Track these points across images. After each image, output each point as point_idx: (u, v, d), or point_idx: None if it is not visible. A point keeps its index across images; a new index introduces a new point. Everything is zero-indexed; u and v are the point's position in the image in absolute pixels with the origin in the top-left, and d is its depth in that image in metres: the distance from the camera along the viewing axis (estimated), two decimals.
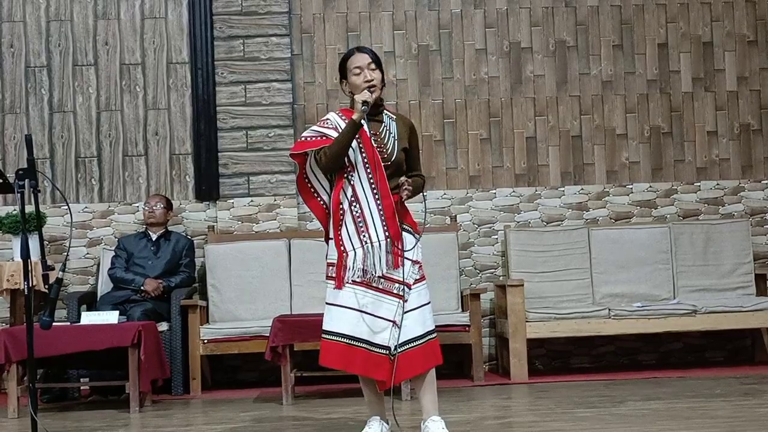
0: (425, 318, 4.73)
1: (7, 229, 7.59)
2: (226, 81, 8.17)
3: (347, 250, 4.70)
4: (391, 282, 4.69)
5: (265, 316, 7.43)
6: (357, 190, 4.72)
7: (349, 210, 4.72)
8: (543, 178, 8.38)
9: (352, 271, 4.68)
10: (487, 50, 8.43)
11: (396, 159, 4.77)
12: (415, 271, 4.74)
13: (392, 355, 4.64)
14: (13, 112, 8.18)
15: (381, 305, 4.68)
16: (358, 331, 4.66)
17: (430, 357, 4.71)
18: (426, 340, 4.71)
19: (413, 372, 4.71)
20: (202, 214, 8.18)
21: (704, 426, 5.08)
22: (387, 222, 4.69)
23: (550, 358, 8.23)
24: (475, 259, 8.29)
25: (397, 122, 4.87)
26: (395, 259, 4.68)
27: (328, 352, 4.70)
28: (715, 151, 8.47)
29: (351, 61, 4.82)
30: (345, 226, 4.72)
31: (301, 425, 5.66)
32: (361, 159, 4.72)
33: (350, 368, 4.71)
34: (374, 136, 4.76)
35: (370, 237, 4.68)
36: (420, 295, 4.74)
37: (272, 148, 8.15)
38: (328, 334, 4.71)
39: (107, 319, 6.64)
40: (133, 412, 6.42)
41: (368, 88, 4.73)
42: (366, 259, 4.67)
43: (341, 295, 4.70)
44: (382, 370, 4.67)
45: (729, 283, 8.10)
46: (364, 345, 4.66)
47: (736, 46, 8.53)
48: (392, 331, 4.65)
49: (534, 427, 5.27)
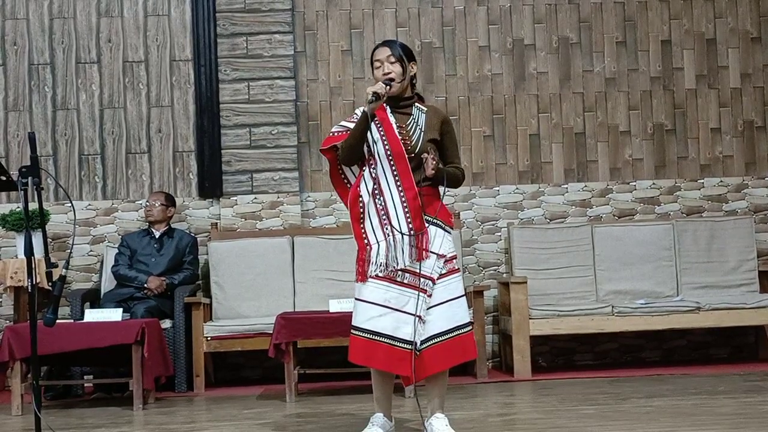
0: (453, 312, 4.68)
1: (11, 227, 7.59)
2: (230, 78, 8.17)
3: (371, 243, 4.69)
4: (415, 276, 4.66)
5: (268, 313, 7.43)
6: (381, 182, 4.70)
7: (372, 202, 4.70)
8: (546, 175, 8.38)
9: (375, 264, 4.67)
10: (490, 47, 8.42)
11: (420, 151, 4.72)
12: (440, 265, 4.69)
13: (417, 350, 4.62)
14: (17, 109, 8.18)
15: (405, 300, 4.65)
16: (380, 326, 4.63)
17: (457, 352, 4.67)
18: (454, 335, 4.66)
19: (438, 367, 4.67)
20: (206, 212, 8.18)
21: (708, 423, 5.07)
22: (411, 214, 4.68)
23: (553, 355, 8.22)
24: (479, 256, 8.29)
25: (427, 114, 4.82)
26: (419, 253, 4.67)
27: (353, 348, 4.68)
28: (719, 148, 8.46)
29: (374, 55, 4.81)
30: (369, 218, 4.70)
31: (305, 422, 5.66)
32: (384, 151, 4.70)
33: (372, 363, 4.68)
34: (399, 128, 4.74)
35: (393, 229, 4.66)
36: (447, 290, 4.70)
37: (275, 146, 8.15)
38: (354, 329, 4.69)
39: (111, 317, 6.64)
40: (136, 409, 6.42)
41: (385, 80, 4.70)
42: (389, 252, 4.66)
43: (365, 290, 4.68)
44: (406, 365, 4.62)
45: (733, 280, 8.10)
46: (387, 340, 4.62)
47: (739, 42, 8.52)
48: (417, 326, 4.63)
49: (537, 425, 5.27)
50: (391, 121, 4.74)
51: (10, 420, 6.22)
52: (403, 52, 4.79)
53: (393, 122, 4.73)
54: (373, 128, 4.71)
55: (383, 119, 4.74)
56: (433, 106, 5.00)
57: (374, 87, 4.67)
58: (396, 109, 4.78)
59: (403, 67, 4.76)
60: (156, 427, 5.75)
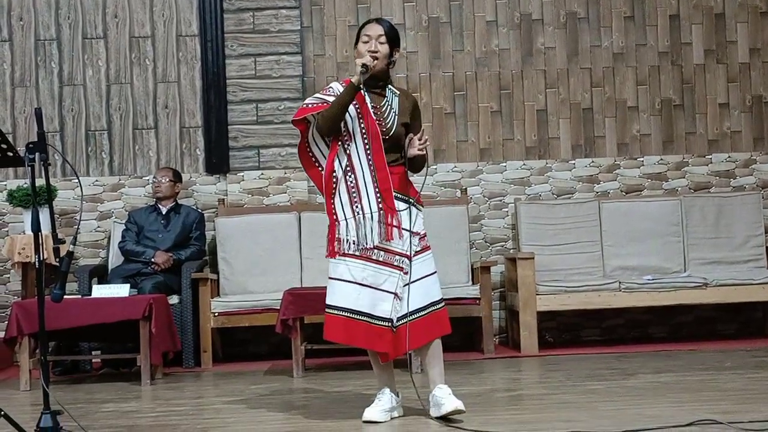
0: (428, 289, 4.75)
1: (18, 203, 7.60)
2: (236, 54, 8.15)
3: (339, 219, 4.73)
4: (391, 254, 4.72)
5: (275, 289, 7.43)
6: (353, 159, 4.75)
7: (343, 179, 4.74)
8: (554, 150, 8.36)
9: (346, 242, 4.70)
10: (497, 22, 8.39)
11: (395, 133, 4.79)
12: (416, 242, 4.75)
13: (394, 327, 4.67)
14: (23, 85, 8.18)
15: (381, 278, 4.71)
16: (358, 304, 4.69)
17: (434, 327, 4.74)
18: (430, 311, 4.73)
19: (416, 343, 4.74)
20: (213, 187, 8.18)
21: (715, 398, 5.08)
22: (382, 194, 4.71)
23: (560, 331, 8.23)
24: (486, 232, 8.29)
25: (400, 97, 4.88)
26: (388, 231, 4.69)
27: (330, 327, 4.74)
28: (727, 124, 8.43)
29: (364, 29, 4.84)
30: (339, 194, 4.75)
31: (312, 398, 5.68)
32: (359, 129, 4.74)
33: (353, 341, 4.76)
34: (375, 108, 4.77)
35: (362, 208, 4.71)
36: (423, 267, 4.76)
37: (282, 121, 8.13)
38: (330, 308, 4.75)
39: (118, 293, 6.66)
40: (144, 384, 6.45)
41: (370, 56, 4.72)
42: (358, 229, 4.69)
43: (341, 269, 4.73)
44: (384, 342, 4.71)
45: (740, 255, 8.09)
46: (365, 318, 4.70)
47: (748, 17, 8.48)
48: (394, 304, 4.68)
49: (544, 400, 5.28)
50: (367, 100, 4.78)
51: (18, 395, 6.25)
52: (393, 35, 4.84)
53: (368, 102, 4.77)
54: (350, 106, 4.73)
55: (359, 98, 4.76)
56: (403, 89, 5.10)
57: (363, 59, 4.72)
58: (372, 88, 4.82)
59: (390, 49, 4.80)
60: (164, 402, 5.77)
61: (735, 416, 4.40)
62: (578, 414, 4.74)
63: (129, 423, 5.03)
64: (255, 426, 4.84)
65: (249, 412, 5.23)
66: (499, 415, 4.84)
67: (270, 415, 5.14)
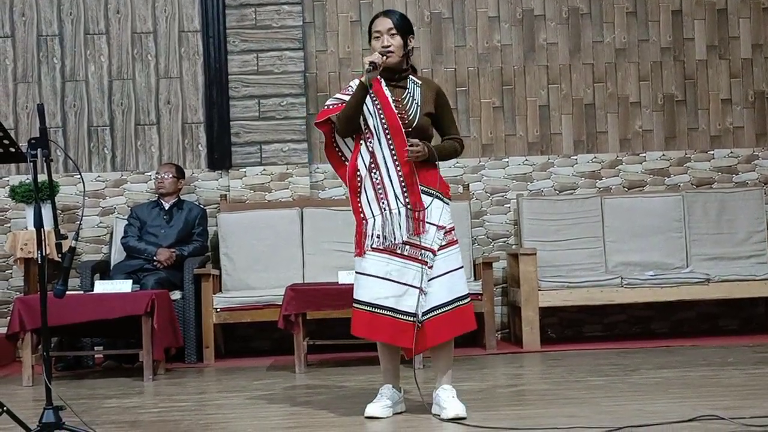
0: (453, 284, 4.70)
1: (20, 198, 7.61)
2: (238, 49, 8.15)
3: (366, 217, 4.71)
4: (416, 248, 4.67)
5: (277, 284, 7.43)
6: (377, 156, 4.71)
7: (368, 176, 4.71)
8: (556, 146, 8.36)
9: (371, 238, 4.68)
10: (499, 18, 8.38)
11: (418, 125, 4.73)
12: (440, 236, 4.71)
13: (419, 322, 4.64)
14: (26, 81, 8.18)
15: (406, 272, 4.67)
16: (383, 298, 4.65)
17: (457, 323, 4.69)
18: (454, 307, 4.68)
19: (439, 339, 4.69)
20: (215, 183, 8.18)
21: (717, 394, 5.08)
22: (408, 188, 4.68)
23: (562, 327, 8.23)
24: (488, 227, 8.29)
25: (422, 87, 4.81)
26: (416, 225, 4.67)
27: (356, 322, 4.72)
28: (729, 119, 8.43)
29: (374, 25, 4.79)
30: (365, 192, 4.72)
31: (314, 393, 5.68)
32: (381, 125, 4.70)
33: (376, 336, 4.72)
34: (396, 102, 4.73)
35: (389, 203, 4.68)
36: (447, 261, 4.71)
37: (284, 117, 8.13)
38: (356, 303, 4.72)
39: (121, 288, 6.65)
40: (146, 380, 6.45)
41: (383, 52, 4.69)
42: (385, 225, 4.67)
43: (366, 263, 4.71)
44: (408, 337, 4.65)
45: (742, 251, 8.09)
46: (389, 312, 4.65)
47: (750, 13, 8.47)
48: (419, 298, 4.64)
49: (546, 396, 5.28)
50: (387, 94, 4.73)
51: (21, 390, 6.26)
52: (404, 24, 4.77)
53: (389, 95, 4.73)
54: (369, 102, 4.70)
55: (378, 92, 4.72)
56: (426, 78, 5.00)
57: (371, 57, 4.67)
58: (391, 82, 4.77)
59: (403, 40, 4.75)
60: (166, 397, 5.78)
61: (737, 412, 4.40)
62: (580, 409, 4.74)
63: (131, 419, 5.03)
64: (257, 422, 4.84)
65: (251, 408, 5.24)
66: (500, 411, 4.84)
67: (272, 410, 5.15)
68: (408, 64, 4.84)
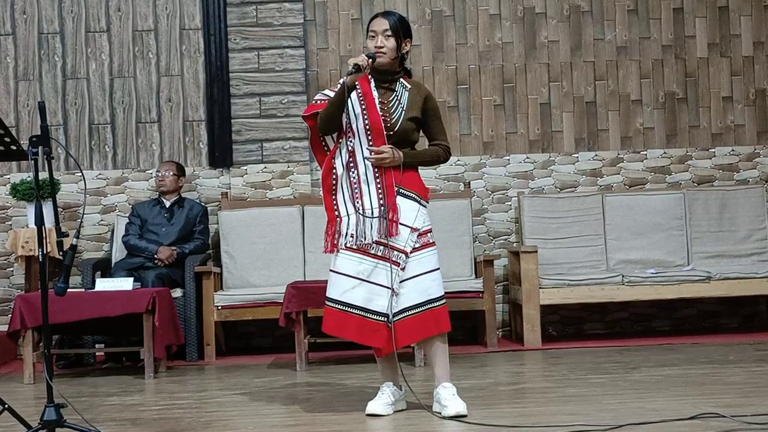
0: (427, 286, 4.70)
1: (22, 196, 7.60)
2: (239, 47, 8.15)
3: (341, 215, 4.75)
4: (390, 249, 4.68)
5: (278, 282, 7.44)
6: (356, 155, 4.74)
7: (346, 174, 4.74)
8: (557, 144, 8.36)
9: (345, 237, 4.70)
10: (501, 15, 8.38)
11: (400, 128, 4.74)
12: (413, 238, 4.71)
13: (390, 322, 4.66)
14: (27, 78, 8.18)
15: (378, 272, 4.69)
16: (352, 297, 4.69)
17: (430, 325, 4.69)
18: (427, 308, 4.68)
19: (410, 339, 4.75)
20: (216, 181, 8.18)
21: (718, 392, 5.08)
22: (384, 190, 4.70)
23: (563, 325, 8.23)
24: (489, 225, 8.29)
25: (410, 91, 4.82)
26: (390, 227, 4.67)
27: (326, 319, 4.77)
28: (730, 117, 8.42)
29: (371, 24, 4.80)
30: (341, 190, 4.75)
31: (315, 391, 5.68)
32: (364, 126, 4.72)
33: (344, 334, 4.77)
34: (381, 104, 4.74)
35: (363, 204, 4.71)
36: (422, 263, 4.71)
37: (285, 115, 8.13)
38: (327, 300, 4.78)
39: (122, 286, 6.66)
40: (147, 377, 6.46)
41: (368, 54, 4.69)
42: (358, 225, 4.69)
43: (339, 262, 4.75)
44: (378, 337, 4.68)
45: (743, 249, 8.09)
46: (359, 312, 4.69)
47: (752, 10, 8.46)
48: (390, 299, 4.66)
49: (547, 393, 5.28)
50: (374, 95, 4.74)
51: (22, 388, 6.26)
52: (400, 27, 4.77)
53: (376, 97, 4.74)
54: (356, 102, 4.72)
55: (366, 93, 4.74)
56: (417, 82, 4.99)
57: (356, 59, 4.66)
58: (382, 84, 4.78)
59: (397, 42, 4.75)
60: (167, 395, 5.78)
61: (738, 410, 4.40)
62: (581, 407, 4.75)
63: (132, 416, 5.04)
64: (258, 419, 4.85)
65: (252, 406, 5.24)
66: (502, 409, 4.85)
67: (273, 408, 5.15)
68: (401, 67, 4.85)
